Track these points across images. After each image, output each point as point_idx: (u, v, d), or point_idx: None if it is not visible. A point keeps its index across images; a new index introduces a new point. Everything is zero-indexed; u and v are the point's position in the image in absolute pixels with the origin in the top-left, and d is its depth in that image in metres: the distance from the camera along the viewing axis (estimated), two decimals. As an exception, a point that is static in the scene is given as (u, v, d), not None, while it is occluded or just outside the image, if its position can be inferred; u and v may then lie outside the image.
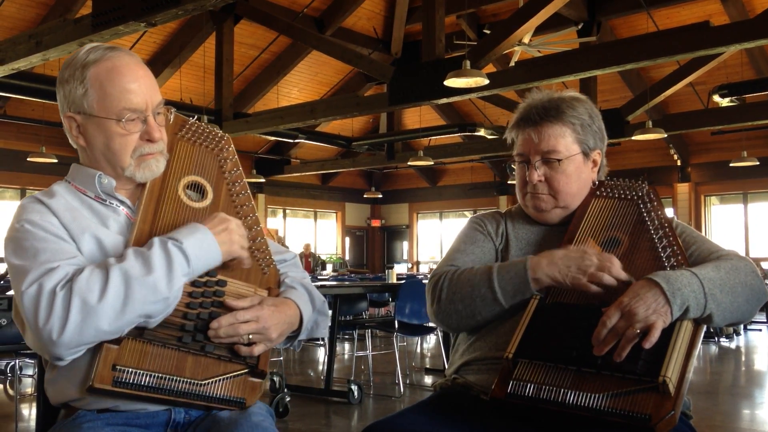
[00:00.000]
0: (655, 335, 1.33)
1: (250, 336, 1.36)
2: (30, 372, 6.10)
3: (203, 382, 1.33)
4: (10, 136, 12.66)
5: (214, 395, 1.34)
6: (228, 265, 1.40)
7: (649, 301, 1.36)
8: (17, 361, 5.18)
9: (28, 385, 5.96)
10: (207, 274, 1.36)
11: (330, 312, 1.61)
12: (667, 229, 1.56)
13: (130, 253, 1.28)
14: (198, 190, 1.50)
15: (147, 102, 1.39)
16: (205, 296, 1.35)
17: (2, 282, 5.46)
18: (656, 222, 1.59)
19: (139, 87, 1.38)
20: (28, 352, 4.27)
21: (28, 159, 11.22)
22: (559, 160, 1.63)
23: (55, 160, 11.12)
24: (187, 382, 1.31)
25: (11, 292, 4.27)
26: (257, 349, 1.38)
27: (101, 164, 1.43)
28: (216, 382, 1.35)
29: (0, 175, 12.74)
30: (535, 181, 1.64)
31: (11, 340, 3.75)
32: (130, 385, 1.26)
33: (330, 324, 1.61)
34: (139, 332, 1.28)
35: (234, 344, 1.36)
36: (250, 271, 1.46)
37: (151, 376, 1.28)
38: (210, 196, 1.49)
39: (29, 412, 5.02)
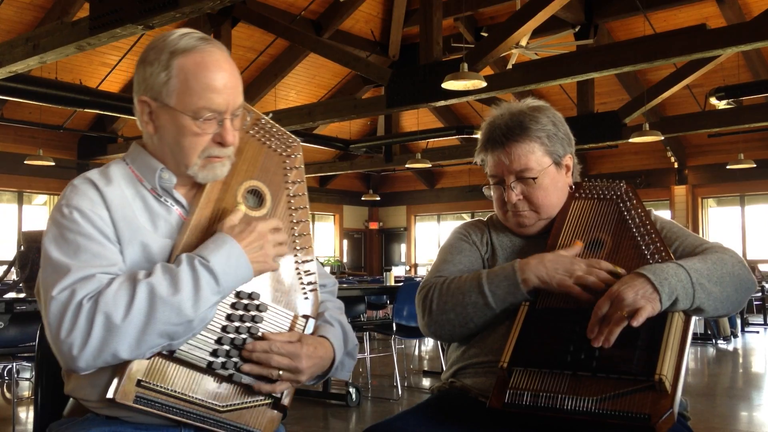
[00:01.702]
0: (642, 315, 1.34)
1: (281, 372, 1.31)
2: (27, 375, 6.09)
3: (223, 408, 1.29)
4: (7, 138, 12.63)
5: (231, 423, 1.30)
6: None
7: (637, 288, 1.38)
8: (14, 364, 5.16)
9: (26, 389, 5.95)
10: (249, 296, 1.32)
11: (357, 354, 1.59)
12: (648, 226, 1.57)
13: (159, 268, 1.22)
14: (257, 196, 1.43)
15: (228, 104, 1.33)
16: (243, 320, 1.30)
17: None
18: (637, 219, 1.59)
19: (224, 87, 1.32)
20: (26, 355, 4.26)
21: (25, 162, 11.21)
22: (534, 178, 1.63)
23: (53, 163, 11.10)
24: (207, 406, 1.27)
25: (9, 295, 4.26)
26: (280, 387, 1.33)
27: (165, 155, 1.36)
28: (235, 410, 1.31)
29: (-3, 178, 12.74)
30: (514, 200, 1.64)
31: (8, 343, 3.75)
32: (151, 403, 1.22)
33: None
34: (171, 351, 1.23)
35: (261, 377, 1.31)
36: (291, 295, 1.41)
37: (173, 396, 1.24)
38: (268, 205, 1.42)
39: (26, 415, 5.01)
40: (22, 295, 3.95)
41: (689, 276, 1.41)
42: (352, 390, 5.11)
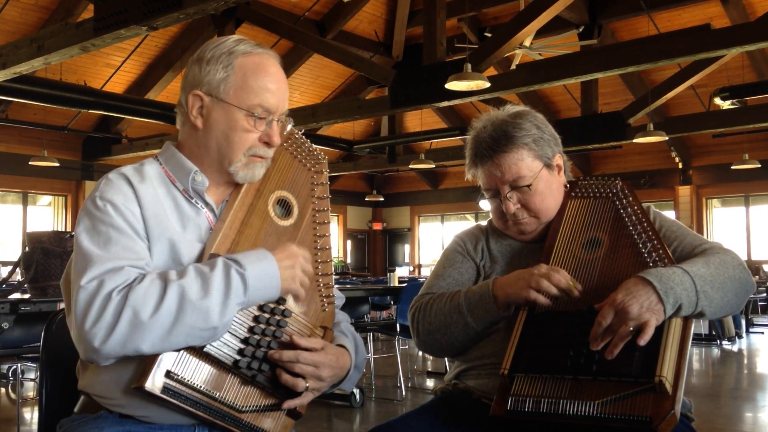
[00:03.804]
0: (649, 333, 1.33)
1: (308, 385, 1.32)
2: (32, 376, 6.10)
3: (241, 409, 1.30)
4: (11, 140, 12.66)
5: (247, 423, 1.31)
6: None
7: (642, 299, 1.36)
8: (19, 364, 5.19)
9: (30, 389, 5.96)
10: (277, 301, 1.33)
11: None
12: (645, 224, 1.56)
13: (191, 270, 1.24)
14: (285, 206, 1.47)
15: (278, 106, 1.41)
16: (270, 323, 1.32)
17: (4, 286, 5.46)
18: (633, 217, 1.58)
19: (278, 90, 1.41)
20: (31, 355, 4.27)
21: (29, 163, 11.22)
22: (528, 185, 1.62)
23: (57, 164, 11.12)
24: (227, 405, 1.28)
25: (14, 296, 4.27)
26: (306, 399, 1.34)
27: (209, 151, 1.40)
28: (252, 412, 1.32)
29: (2, 178, 12.74)
30: (513, 210, 1.64)
31: (13, 343, 3.76)
32: (177, 396, 1.23)
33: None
34: (201, 346, 1.24)
35: (281, 382, 1.32)
36: (311, 306, 1.44)
37: (198, 391, 1.25)
38: (295, 216, 1.47)
39: (31, 415, 5.02)
40: (26, 296, 3.96)
41: (694, 284, 1.40)
42: (355, 391, 5.11)
